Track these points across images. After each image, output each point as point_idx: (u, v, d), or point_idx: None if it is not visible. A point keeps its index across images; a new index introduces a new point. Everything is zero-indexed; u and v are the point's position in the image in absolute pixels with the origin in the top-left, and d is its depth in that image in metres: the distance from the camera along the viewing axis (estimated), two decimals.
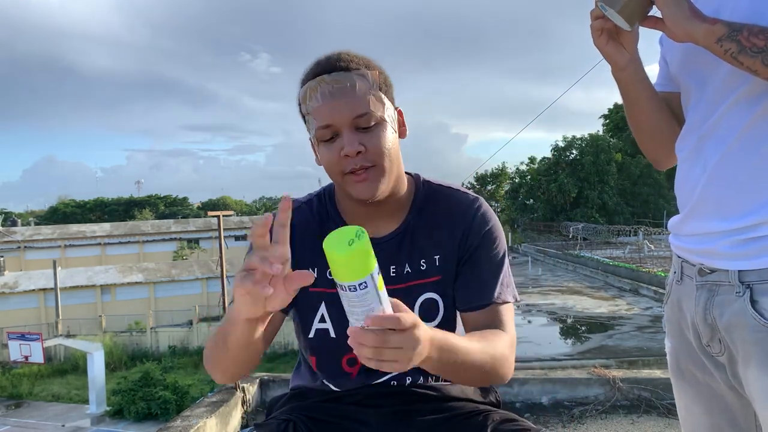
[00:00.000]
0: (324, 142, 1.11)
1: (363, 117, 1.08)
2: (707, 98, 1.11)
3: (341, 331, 1.17)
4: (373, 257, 0.84)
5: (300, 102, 1.15)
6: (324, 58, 1.13)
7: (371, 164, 1.09)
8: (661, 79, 1.29)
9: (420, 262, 1.19)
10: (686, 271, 1.19)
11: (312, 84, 1.10)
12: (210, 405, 3.19)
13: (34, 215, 70.22)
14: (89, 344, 22.18)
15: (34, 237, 42.62)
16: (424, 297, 1.19)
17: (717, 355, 1.13)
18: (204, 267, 35.80)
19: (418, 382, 1.19)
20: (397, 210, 1.21)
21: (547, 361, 8.95)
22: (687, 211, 1.17)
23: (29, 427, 20.61)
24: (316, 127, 1.10)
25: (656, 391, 3.46)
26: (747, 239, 1.05)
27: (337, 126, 1.08)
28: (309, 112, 1.12)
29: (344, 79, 1.09)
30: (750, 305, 1.04)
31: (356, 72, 1.10)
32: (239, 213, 65.45)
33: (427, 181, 1.26)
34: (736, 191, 1.06)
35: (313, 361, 1.22)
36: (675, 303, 1.24)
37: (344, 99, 1.08)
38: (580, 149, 40.31)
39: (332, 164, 1.10)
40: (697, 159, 1.13)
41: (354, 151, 1.07)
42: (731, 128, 1.06)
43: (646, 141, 1.29)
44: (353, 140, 1.07)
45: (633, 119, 1.27)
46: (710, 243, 1.11)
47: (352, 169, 1.09)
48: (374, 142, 1.09)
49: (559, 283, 18.78)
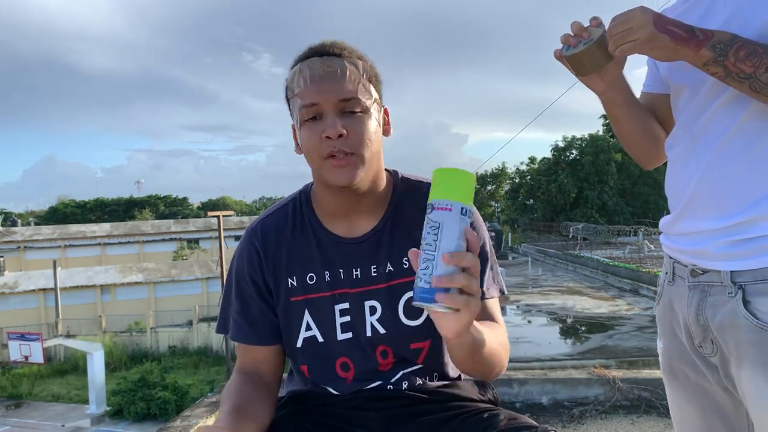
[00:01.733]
0: (306, 122, 1.09)
1: (349, 101, 1.07)
2: (699, 98, 1.11)
3: (329, 335, 1.17)
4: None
5: (287, 85, 1.14)
6: (317, 44, 1.13)
7: (351, 151, 1.07)
8: (649, 81, 1.30)
9: (402, 261, 1.17)
10: (678, 272, 1.19)
11: (302, 65, 1.10)
12: (210, 405, 3.19)
13: (34, 215, 70.21)
14: (89, 344, 22.19)
15: (34, 237, 42.61)
16: (408, 295, 1.17)
17: (709, 356, 1.13)
18: (204, 267, 35.79)
19: (416, 386, 1.19)
20: (375, 207, 1.19)
21: (547, 361, 8.95)
22: (679, 211, 1.17)
23: (29, 427, 20.60)
24: (300, 107, 1.09)
25: (656, 391, 3.46)
26: (739, 240, 1.05)
27: (322, 106, 1.07)
28: (295, 93, 1.10)
29: (335, 63, 1.09)
30: (742, 306, 1.04)
31: (348, 59, 1.11)
32: (239, 213, 65.44)
33: (405, 177, 1.24)
34: (728, 190, 1.06)
35: (305, 369, 1.21)
36: (667, 303, 1.24)
37: (332, 81, 1.07)
38: (579, 149, 40.29)
39: (312, 146, 1.08)
40: (689, 158, 1.13)
41: (336, 133, 1.05)
42: (723, 127, 1.07)
43: (630, 148, 1.32)
44: (336, 122, 1.06)
45: (617, 131, 1.30)
46: (702, 243, 1.11)
47: (330, 152, 1.07)
48: (357, 128, 1.08)
49: (559, 283, 18.77)
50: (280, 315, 1.19)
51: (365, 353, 1.17)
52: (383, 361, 1.17)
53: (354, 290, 1.17)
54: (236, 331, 1.20)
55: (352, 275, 1.17)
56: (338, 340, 1.17)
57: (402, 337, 1.17)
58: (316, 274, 1.18)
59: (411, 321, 1.17)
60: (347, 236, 1.18)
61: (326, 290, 1.17)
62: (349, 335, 1.17)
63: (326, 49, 1.11)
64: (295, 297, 1.18)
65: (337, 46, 1.13)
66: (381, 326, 1.17)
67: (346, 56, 1.11)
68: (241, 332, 1.20)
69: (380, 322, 1.17)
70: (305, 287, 1.18)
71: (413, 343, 1.17)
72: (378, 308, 1.17)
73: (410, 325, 1.17)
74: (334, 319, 1.17)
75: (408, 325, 1.17)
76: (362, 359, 1.17)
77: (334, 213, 1.18)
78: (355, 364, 1.17)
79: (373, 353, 1.17)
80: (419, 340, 1.17)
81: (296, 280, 1.18)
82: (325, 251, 1.18)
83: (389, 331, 1.16)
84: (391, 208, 1.20)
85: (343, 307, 1.17)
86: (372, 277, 1.17)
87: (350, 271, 1.17)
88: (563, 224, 34.99)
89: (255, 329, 1.19)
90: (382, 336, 1.16)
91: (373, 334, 1.17)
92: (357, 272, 1.17)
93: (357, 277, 1.17)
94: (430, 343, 1.18)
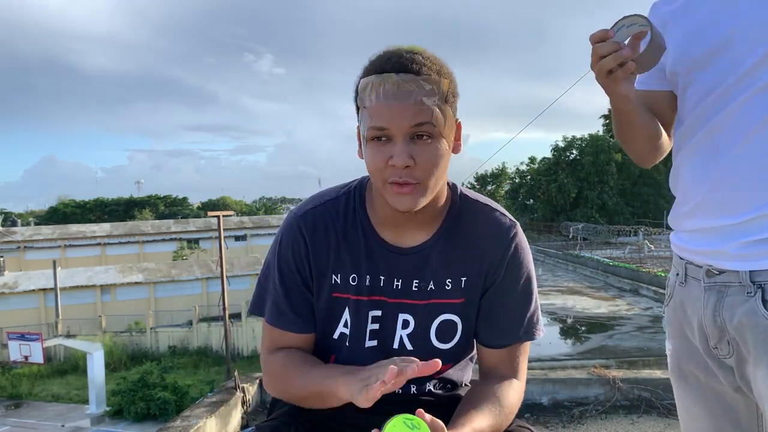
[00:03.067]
0: (373, 141, 1.04)
1: (421, 127, 1.01)
2: (720, 91, 1.08)
3: (359, 339, 1.17)
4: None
5: (358, 91, 1.07)
6: (395, 54, 1.04)
7: (416, 181, 1.03)
8: (644, 78, 1.22)
9: (446, 281, 1.15)
10: (691, 273, 1.17)
11: (375, 80, 1.02)
12: (210, 405, 3.18)
13: (33, 215, 70.14)
14: (89, 344, 22.16)
15: (34, 237, 42.57)
16: (443, 318, 1.16)
17: (725, 357, 1.12)
18: (204, 267, 35.76)
19: (424, 391, 1.18)
20: (430, 220, 1.15)
21: (547, 362, 8.95)
22: (690, 208, 1.15)
23: (29, 427, 20.58)
24: (368, 126, 1.03)
25: (656, 391, 3.46)
26: (757, 240, 1.04)
27: (392, 131, 1.01)
28: (365, 106, 1.04)
29: (412, 83, 1.00)
30: (762, 305, 1.03)
31: (426, 78, 1.02)
32: (239, 213, 65.40)
33: (464, 195, 1.20)
34: (745, 186, 1.05)
35: (332, 359, 1.20)
36: (678, 305, 1.22)
37: (406, 104, 1.00)
38: (580, 149, 40.31)
39: (376, 167, 1.04)
40: (706, 154, 1.11)
41: (402, 164, 1.01)
42: (748, 122, 1.04)
43: (634, 150, 1.26)
44: (404, 152, 1.00)
45: (623, 136, 1.22)
46: (719, 243, 1.09)
47: (395, 181, 1.03)
48: (425, 157, 1.02)
49: (559, 283, 18.77)
50: (321, 307, 1.18)
51: None
52: None
53: (391, 300, 1.16)
54: (277, 317, 1.19)
55: (393, 284, 1.16)
56: (365, 347, 1.17)
57: (427, 359, 1.15)
58: (359, 276, 1.16)
59: (442, 344, 1.16)
60: (396, 244, 1.16)
61: (365, 294, 1.16)
62: (374, 343, 1.17)
63: (404, 63, 1.02)
64: (337, 293, 1.17)
65: (417, 60, 1.03)
66: (410, 342, 1.16)
67: (424, 74, 1.02)
68: (283, 318, 1.18)
69: (410, 338, 1.16)
70: (347, 287, 1.17)
71: None
72: (411, 323, 1.16)
73: (440, 348, 1.16)
74: (366, 324, 1.16)
75: (437, 347, 1.16)
76: None
77: (387, 221, 1.16)
78: None
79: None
80: (445, 362, 1.13)
81: (340, 277, 1.17)
82: (371, 256, 1.16)
83: (416, 349, 1.16)
84: (446, 225, 1.17)
85: (375, 314, 1.17)
86: (412, 291, 1.16)
87: (391, 280, 1.16)
88: (563, 224, 34.99)
89: (298, 317, 1.18)
90: (408, 353, 1.15)
91: (400, 347, 1.16)
92: (398, 283, 1.16)
93: (397, 287, 1.16)
94: (451, 366, 1.19)
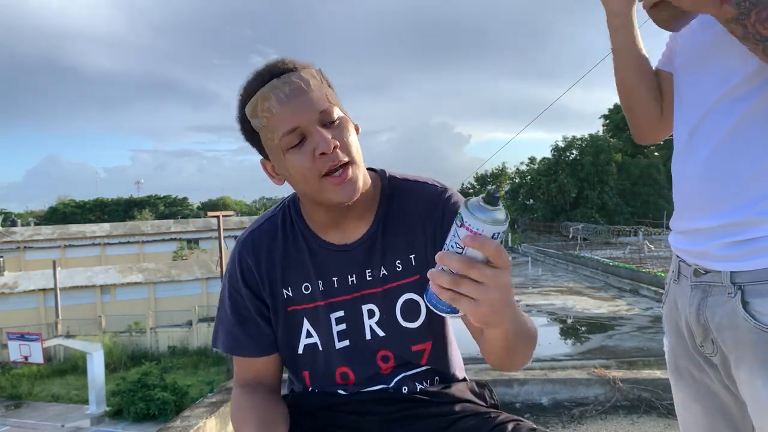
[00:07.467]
0: (292, 149, 1.04)
1: (326, 112, 1.04)
2: (701, 88, 1.10)
3: (328, 344, 1.17)
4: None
5: (249, 118, 1.06)
6: (264, 67, 1.07)
7: (348, 159, 1.04)
8: (663, 58, 1.29)
9: (395, 264, 1.16)
10: (683, 271, 1.19)
11: (264, 91, 1.03)
12: (210, 405, 3.18)
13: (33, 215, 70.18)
14: (89, 344, 22.14)
15: (33, 237, 42.59)
16: (404, 298, 1.16)
17: (710, 356, 1.13)
18: (204, 267, 35.76)
19: (416, 390, 1.18)
20: (365, 210, 1.16)
21: (547, 362, 8.94)
22: (679, 209, 1.17)
23: (29, 427, 20.58)
24: (280, 136, 1.03)
25: (656, 391, 3.46)
26: (739, 241, 1.04)
27: (304, 126, 1.03)
28: (265, 124, 1.04)
29: (296, 79, 1.04)
30: (741, 306, 1.03)
31: (304, 71, 1.06)
32: (239, 213, 65.40)
33: (392, 176, 1.21)
34: (727, 186, 1.05)
35: (306, 376, 1.20)
36: (672, 302, 1.24)
37: (303, 97, 1.03)
38: (580, 149, 40.32)
39: (306, 168, 1.03)
40: (687, 154, 1.13)
41: (331, 147, 1.01)
42: (722, 123, 1.05)
43: (628, 101, 1.30)
44: (325, 136, 1.02)
45: (619, 73, 1.28)
46: (702, 243, 1.11)
47: (330, 168, 1.03)
48: (344, 135, 1.05)
49: (559, 283, 18.76)
50: (279, 325, 1.18)
51: (365, 359, 1.17)
52: (384, 365, 1.17)
53: (350, 296, 1.17)
54: (234, 345, 1.19)
55: (347, 282, 1.16)
56: (337, 349, 1.17)
57: (402, 340, 1.16)
58: (311, 284, 1.17)
59: (409, 323, 1.16)
60: (340, 243, 1.17)
61: (321, 299, 1.17)
62: (346, 343, 1.17)
63: (279, 68, 1.06)
64: (292, 306, 1.18)
65: (287, 62, 1.07)
66: (380, 329, 1.16)
67: (300, 68, 1.06)
68: (239, 345, 1.19)
69: (379, 326, 1.17)
70: (301, 297, 1.17)
71: (414, 345, 1.17)
72: (376, 312, 1.17)
73: (409, 327, 1.16)
74: (330, 328, 1.17)
75: (407, 327, 1.16)
76: (362, 366, 1.17)
77: (326, 223, 1.16)
78: (355, 372, 1.17)
79: (374, 358, 1.17)
80: (420, 341, 1.17)
81: (291, 290, 1.17)
82: (318, 260, 1.17)
83: (388, 334, 1.16)
84: (382, 209, 1.17)
85: (338, 315, 1.17)
86: (367, 282, 1.16)
87: (345, 277, 1.16)
88: (563, 224, 35.00)
89: (253, 341, 1.18)
90: (381, 339, 1.16)
91: (372, 337, 1.17)
92: (353, 278, 1.16)
93: (353, 282, 1.16)
94: (431, 344, 1.18)
